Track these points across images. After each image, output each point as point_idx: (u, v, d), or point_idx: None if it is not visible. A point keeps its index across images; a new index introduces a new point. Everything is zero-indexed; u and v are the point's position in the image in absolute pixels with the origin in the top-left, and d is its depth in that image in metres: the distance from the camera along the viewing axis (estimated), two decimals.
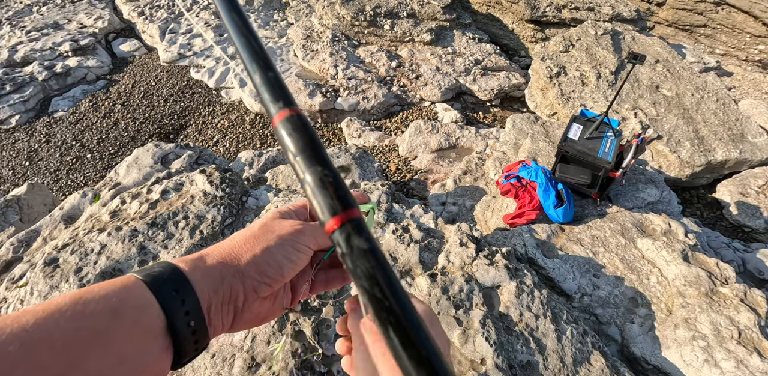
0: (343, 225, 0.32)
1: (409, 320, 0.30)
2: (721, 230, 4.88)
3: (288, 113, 0.36)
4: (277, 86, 0.38)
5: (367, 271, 0.31)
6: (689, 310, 2.77)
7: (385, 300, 0.31)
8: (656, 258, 3.22)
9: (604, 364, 2.30)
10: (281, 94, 0.37)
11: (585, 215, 3.92)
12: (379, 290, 0.31)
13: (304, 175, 0.34)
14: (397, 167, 5.60)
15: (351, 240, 0.32)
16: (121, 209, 3.05)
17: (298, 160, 0.35)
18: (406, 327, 0.30)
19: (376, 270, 0.31)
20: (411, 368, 0.29)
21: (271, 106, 0.37)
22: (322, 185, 0.34)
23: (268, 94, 0.37)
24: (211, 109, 6.79)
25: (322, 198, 0.33)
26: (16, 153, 6.02)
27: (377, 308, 0.31)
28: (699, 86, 6.43)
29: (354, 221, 0.33)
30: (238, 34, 0.40)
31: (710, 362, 2.45)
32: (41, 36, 7.98)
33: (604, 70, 6.77)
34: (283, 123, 0.36)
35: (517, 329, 2.38)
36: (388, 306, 0.30)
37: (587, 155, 3.86)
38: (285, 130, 0.35)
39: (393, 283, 0.32)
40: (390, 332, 0.30)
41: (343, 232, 0.32)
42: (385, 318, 0.30)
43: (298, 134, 0.35)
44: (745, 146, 5.54)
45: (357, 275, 0.32)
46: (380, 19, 8.10)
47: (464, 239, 2.90)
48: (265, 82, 0.37)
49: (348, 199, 0.34)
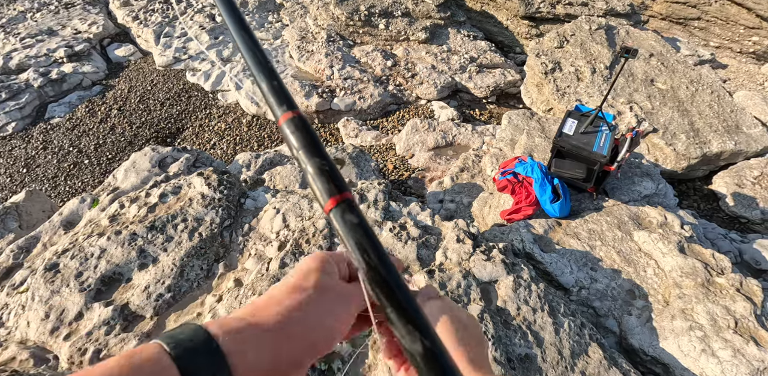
0: (338, 205, 0.39)
1: (392, 279, 0.38)
2: (717, 221, 4.90)
3: (291, 115, 0.42)
4: (280, 92, 0.44)
5: (357, 240, 0.38)
6: (686, 301, 2.79)
7: (371, 262, 0.38)
8: (653, 250, 3.25)
9: (602, 356, 2.32)
10: (284, 99, 0.43)
11: (581, 209, 3.94)
12: (366, 255, 0.38)
13: (305, 166, 0.40)
14: (394, 166, 5.62)
15: (344, 216, 0.39)
16: (119, 213, 3.07)
17: (300, 153, 0.41)
18: (389, 284, 0.37)
19: (364, 239, 0.38)
20: (395, 316, 0.36)
21: (277, 109, 0.43)
22: (320, 173, 0.40)
23: (273, 99, 0.43)
24: (207, 112, 6.81)
25: (321, 183, 0.40)
26: (14, 160, 6.03)
27: (366, 268, 0.38)
28: (693, 79, 6.45)
29: (346, 200, 0.39)
30: (247, 49, 0.46)
31: (707, 352, 2.47)
32: (36, 42, 7.99)
33: (599, 64, 6.79)
34: (287, 123, 0.42)
35: (515, 322, 2.40)
36: (374, 267, 0.38)
37: (582, 150, 3.88)
38: (288, 129, 0.42)
39: (378, 248, 0.39)
40: (377, 290, 0.37)
41: (338, 210, 0.39)
42: (372, 278, 0.38)
43: (300, 132, 0.41)
44: (741, 138, 5.56)
45: (349, 243, 0.38)
46: (375, 19, 8.11)
47: (461, 235, 2.92)
48: (271, 89, 0.44)
49: (341, 183, 0.40)
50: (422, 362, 0.35)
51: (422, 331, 0.36)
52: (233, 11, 0.48)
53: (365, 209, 3.20)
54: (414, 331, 0.36)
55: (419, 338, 0.36)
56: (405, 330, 0.36)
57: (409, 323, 0.36)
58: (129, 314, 2.39)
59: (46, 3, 9.94)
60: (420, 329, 0.36)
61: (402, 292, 0.38)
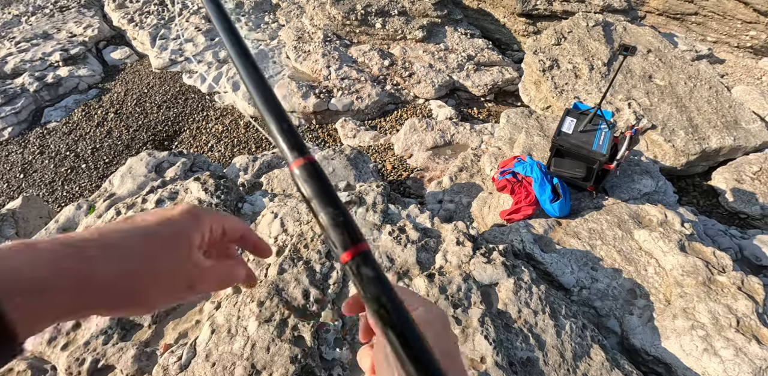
0: (353, 258, 0.39)
1: (410, 334, 0.38)
2: (717, 217, 4.89)
3: (303, 162, 0.42)
4: (291, 136, 0.43)
5: (374, 294, 0.39)
6: (687, 300, 2.78)
7: (389, 318, 0.38)
8: (653, 249, 3.23)
9: (604, 357, 2.31)
10: (296, 144, 0.43)
11: (581, 209, 3.93)
12: (384, 310, 0.38)
13: (320, 215, 0.40)
14: (393, 166, 5.60)
15: (360, 269, 0.39)
16: (116, 219, 3.05)
17: (314, 203, 0.41)
18: (408, 340, 0.37)
19: (382, 293, 0.39)
20: (414, 373, 0.36)
21: (288, 154, 0.43)
22: (335, 224, 0.40)
23: (284, 144, 0.43)
24: (204, 115, 6.78)
25: (336, 235, 0.40)
26: (10, 166, 6.01)
27: (384, 324, 0.38)
28: (691, 75, 6.42)
29: (362, 253, 0.39)
30: (257, 90, 0.45)
31: (709, 351, 2.46)
32: (31, 46, 7.96)
33: (597, 61, 6.76)
34: (299, 170, 0.42)
35: (516, 325, 2.39)
36: (392, 324, 0.38)
37: (582, 148, 3.86)
38: (301, 176, 0.42)
39: (396, 304, 0.39)
40: (396, 344, 0.37)
41: (354, 263, 0.39)
42: (390, 333, 0.38)
43: (313, 180, 0.41)
44: (739, 133, 5.54)
45: (366, 297, 0.39)
46: (371, 18, 8.08)
47: (461, 238, 2.91)
48: (281, 132, 0.43)
49: (356, 235, 0.40)
50: None
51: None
52: (247, 58, 0.48)
53: (364, 212, 3.18)
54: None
55: None
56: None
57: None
58: (127, 322, 2.38)
59: (40, 6, 9.90)
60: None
61: (423, 352, 0.38)
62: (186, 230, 0.47)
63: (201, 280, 0.49)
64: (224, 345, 2.11)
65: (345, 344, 2.22)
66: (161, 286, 0.45)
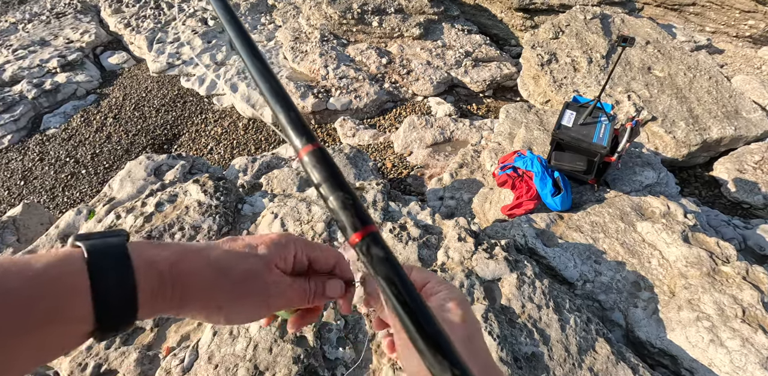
0: (363, 238, 0.40)
1: (419, 310, 0.39)
2: (720, 207, 4.85)
3: (311, 148, 0.43)
4: (299, 124, 0.44)
5: (385, 273, 0.40)
6: (692, 291, 2.76)
7: (399, 295, 0.39)
8: (656, 241, 3.21)
9: (609, 351, 2.29)
10: (304, 131, 0.44)
11: (583, 202, 3.91)
12: (395, 288, 0.39)
13: (330, 199, 0.42)
14: (393, 164, 5.58)
15: (370, 249, 0.40)
16: (116, 223, 3.05)
17: (323, 187, 0.42)
18: (418, 316, 0.39)
19: (391, 272, 0.40)
20: (424, 347, 0.38)
21: (296, 141, 0.43)
22: (344, 207, 0.41)
23: (292, 132, 0.44)
24: (203, 117, 6.78)
25: (346, 217, 0.41)
26: (11, 173, 6.02)
27: (395, 301, 0.39)
28: (691, 65, 6.38)
29: (371, 234, 0.41)
30: (263, 79, 0.46)
31: (716, 342, 2.44)
32: (28, 54, 7.97)
33: (595, 54, 6.73)
34: (308, 156, 0.43)
35: (520, 321, 2.37)
36: (403, 300, 0.39)
37: (582, 141, 3.83)
38: (310, 162, 0.42)
39: (405, 282, 0.40)
40: (406, 320, 0.39)
41: (364, 243, 0.40)
42: (401, 310, 0.39)
43: (322, 166, 0.42)
44: (740, 123, 5.50)
45: (377, 276, 0.40)
46: (368, 16, 8.06)
47: (462, 234, 2.89)
48: (289, 121, 0.44)
49: (365, 217, 0.42)
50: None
51: (452, 361, 0.37)
52: (252, 48, 0.49)
53: None
54: (443, 360, 0.37)
55: (449, 368, 0.37)
56: (434, 360, 0.37)
57: (438, 354, 0.37)
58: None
59: (37, 13, 9.92)
60: (449, 358, 0.37)
61: (431, 324, 0.39)
62: (268, 259, 0.53)
63: (277, 296, 0.54)
64: (226, 347, 2.10)
65: (348, 343, 2.21)
66: (232, 298, 0.51)
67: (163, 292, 0.46)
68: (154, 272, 0.45)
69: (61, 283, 0.40)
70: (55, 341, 0.40)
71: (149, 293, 0.44)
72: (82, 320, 0.41)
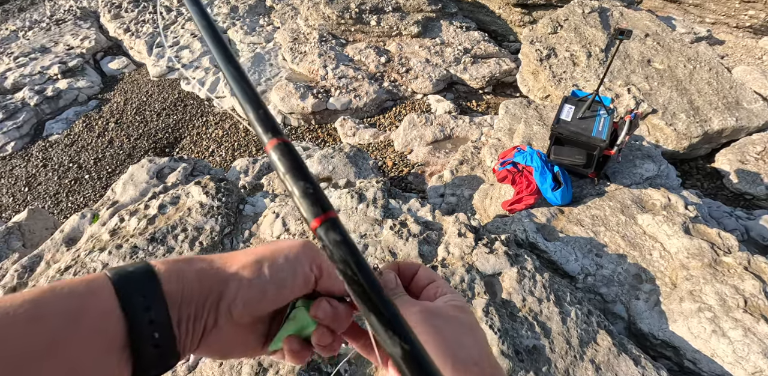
0: (322, 224, 0.42)
1: (373, 289, 0.40)
2: (722, 199, 4.84)
3: (276, 142, 0.45)
4: (266, 120, 0.47)
5: (340, 256, 0.41)
6: (693, 282, 2.76)
7: (354, 276, 0.41)
8: (657, 233, 3.21)
9: (611, 342, 2.30)
10: (270, 127, 0.46)
11: (583, 196, 3.91)
12: (350, 270, 0.41)
13: (292, 189, 0.44)
14: (393, 163, 5.60)
15: (329, 234, 0.42)
16: (120, 226, 3.08)
17: (287, 177, 0.44)
18: (370, 296, 0.40)
19: (347, 255, 0.41)
20: (377, 323, 0.39)
21: (263, 136, 0.46)
22: (305, 195, 0.43)
23: (260, 128, 0.47)
24: (204, 120, 6.81)
25: (306, 205, 0.42)
26: (15, 180, 6.08)
27: (349, 282, 0.41)
28: (691, 57, 6.36)
29: (330, 220, 0.42)
30: (235, 80, 0.49)
31: (718, 333, 2.44)
32: (29, 61, 8.03)
33: (594, 48, 6.71)
34: (273, 149, 0.45)
35: (521, 314, 2.38)
36: (356, 280, 0.41)
37: (581, 135, 3.84)
38: (275, 155, 0.45)
39: (360, 262, 0.41)
40: (360, 299, 0.41)
41: (323, 229, 0.42)
42: (356, 290, 0.41)
43: (285, 158, 0.45)
44: (741, 114, 5.48)
45: (334, 259, 0.42)
46: (366, 16, 8.07)
47: (462, 229, 2.90)
48: (257, 118, 0.47)
49: (325, 204, 0.43)
50: (403, 363, 0.38)
51: (401, 335, 0.39)
52: (220, 44, 0.51)
53: (364, 208, 3.19)
54: (394, 336, 0.39)
55: (399, 343, 0.38)
56: (386, 335, 0.39)
57: (389, 329, 0.39)
58: None
59: (37, 21, 9.99)
60: (399, 333, 0.39)
61: (382, 302, 0.41)
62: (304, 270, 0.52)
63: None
64: None
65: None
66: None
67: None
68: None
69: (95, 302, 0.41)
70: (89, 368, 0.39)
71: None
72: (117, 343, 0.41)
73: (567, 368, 2.16)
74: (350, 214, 3.14)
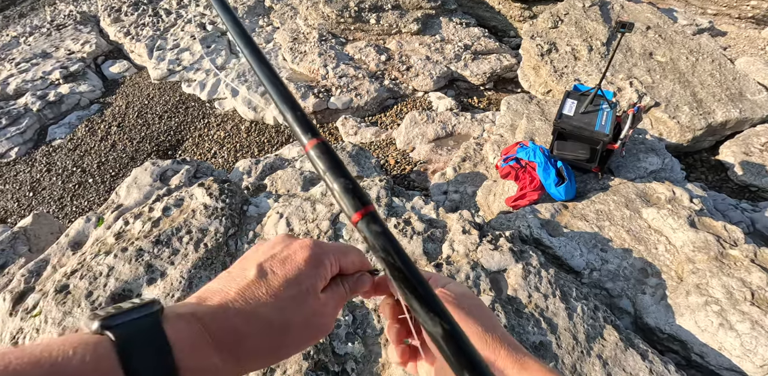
0: (363, 217, 0.45)
1: (413, 275, 0.44)
2: (727, 191, 4.81)
3: (316, 142, 0.48)
4: (304, 122, 0.50)
5: (381, 245, 0.45)
6: (700, 275, 2.74)
7: (395, 263, 0.44)
8: (663, 227, 3.19)
9: (618, 337, 2.29)
10: (308, 128, 0.50)
11: (587, 190, 3.89)
12: (390, 257, 0.44)
13: (332, 185, 0.47)
14: (396, 161, 5.59)
15: (370, 226, 0.45)
16: (125, 229, 3.09)
17: (327, 175, 0.47)
18: (411, 280, 0.44)
19: (387, 244, 0.45)
20: (418, 306, 0.43)
21: (303, 137, 0.49)
22: (346, 191, 0.46)
23: (299, 128, 0.50)
24: (206, 122, 6.83)
25: (347, 200, 0.46)
26: (19, 185, 6.10)
27: (390, 268, 0.44)
28: (693, 49, 6.32)
29: (370, 213, 0.46)
30: (271, 83, 0.53)
31: (725, 326, 2.43)
32: (31, 66, 8.06)
33: (596, 42, 6.68)
34: (313, 149, 0.49)
35: (527, 310, 2.38)
36: (398, 267, 0.44)
37: (584, 130, 3.82)
38: (315, 154, 0.48)
39: (399, 250, 0.45)
40: (402, 284, 0.44)
41: (364, 221, 0.46)
42: (397, 276, 0.44)
43: (325, 156, 0.48)
44: (745, 105, 5.44)
45: (376, 248, 0.45)
46: (365, 14, 8.05)
47: (467, 226, 2.90)
48: (296, 119, 0.50)
49: (364, 199, 0.47)
50: (443, 342, 0.42)
51: (441, 316, 0.42)
52: (257, 53, 0.55)
53: None
54: (435, 317, 0.42)
55: (439, 322, 0.42)
56: (427, 316, 0.43)
57: (430, 311, 0.43)
58: None
59: (37, 26, 10.02)
60: (439, 314, 0.43)
61: (422, 285, 0.44)
62: (313, 286, 0.52)
63: (323, 315, 0.54)
64: None
65: (357, 338, 2.23)
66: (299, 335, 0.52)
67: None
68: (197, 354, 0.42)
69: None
70: None
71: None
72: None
73: (574, 364, 2.16)
74: None
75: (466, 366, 0.40)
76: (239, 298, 0.48)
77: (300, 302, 0.50)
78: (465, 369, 0.40)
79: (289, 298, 0.49)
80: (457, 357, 0.41)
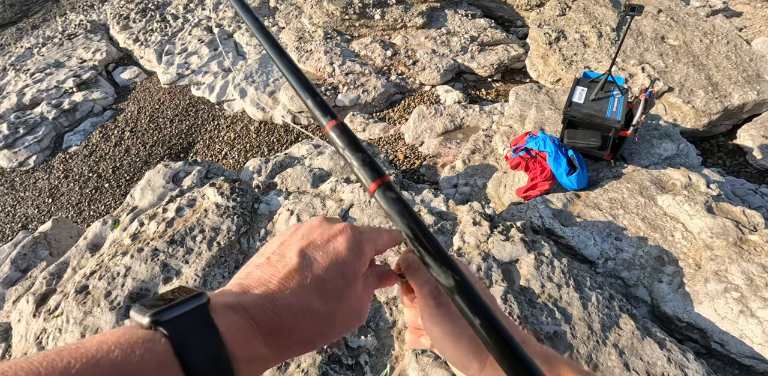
0: (379, 186, 0.49)
1: (424, 234, 0.47)
2: (746, 176, 4.69)
3: (334, 123, 0.53)
4: (323, 106, 0.54)
5: (398, 209, 0.48)
6: (718, 262, 2.68)
7: (410, 223, 0.47)
8: (679, 213, 3.13)
9: (634, 326, 2.26)
10: (327, 111, 0.54)
11: (600, 179, 3.83)
12: (405, 219, 0.48)
13: (351, 160, 0.51)
14: (405, 156, 5.58)
15: (386, 193, 0.49)
16: (140, 231, 3.15)
17: (346, 151, 0.51)
18: (427, 244, 0.47)
19: (403, 208, 0.48)
20: (431, 261, 0.46)
21: (322, 119, 0.54)
22: (363, 164, 0.50)
23: (318, 112, 0.54)
24: (216, 124, 6.89)
25: (365, 171, 0.50)
26: (39, 192, 6.25)
27: (408, 229, 0.47)
28: (707, 31, 6.16)
29: (385, 183, 0.50)
30: (290, 73, 0.57)
31: (746, 313, 2.38)
32: (45, 76, 8.23)
33: (605, 27, 6.56)
34: (332, 130, 0.53)
35: (540, 300, 2.36)
36: (412, 227, 0.47)
37: (595, 117, 3.76)
38: (334, 133, 0.53)
39: (412, 213, 0.48)
40: (416, 242, 0.47)
41: (380, 190, 0.49)
42: (411, 234, 0.47)
43: (343, 135, 0.52)
44: (763, 87, 5.29)
45: (393, 214, 0.48)
46: (370, 10, 8.03)
47: (477, 218, 2.88)
48: (315, 104, 0.54)
49: (380, 171, 0.50)
50: (456, 292, 0.45)
51: (453, 269, 0.46)
52: (275, 45, 0.59)
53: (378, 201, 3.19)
54: (447, 270, 0.45)
55: (451, 275, 0.45)
56: (440, 270, 0.46)
57: (442, 264, 0.46)
58: None
59: (50, 37, 10.22)
60: (450, 267, 0.46)
61: (434, 242, 0.47)
62: (355, 274, 0.52)
63: (363, 303, 0.54)
64: None
65: (369, 331, 2.24)
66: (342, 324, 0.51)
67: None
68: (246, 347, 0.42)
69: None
70: None
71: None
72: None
73: (590, 353, 2.14)
74: (364, 208, 3.14)
75: (477, 313, 0.44)
76: (284, 288, 0.46)
77: (344, 292, 0.50)
78: (476, 316, 0.44)
79: (334, 289, 0.49)
80: (469, 305, 0.44)
